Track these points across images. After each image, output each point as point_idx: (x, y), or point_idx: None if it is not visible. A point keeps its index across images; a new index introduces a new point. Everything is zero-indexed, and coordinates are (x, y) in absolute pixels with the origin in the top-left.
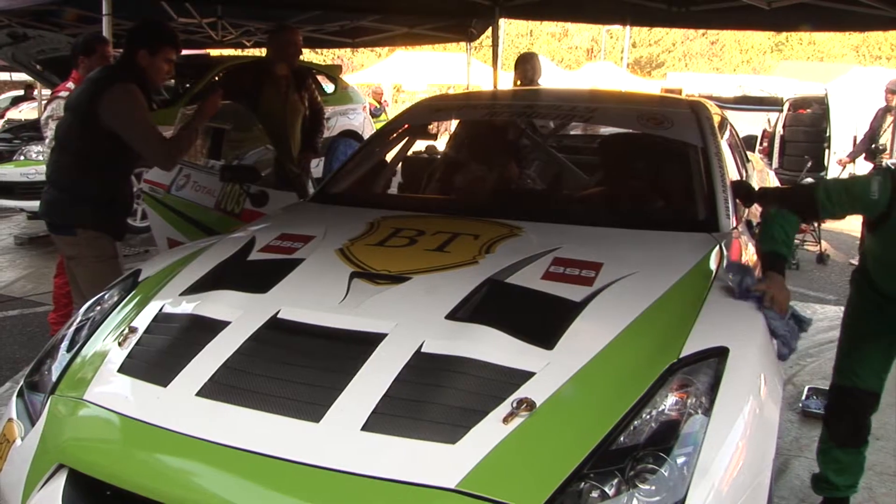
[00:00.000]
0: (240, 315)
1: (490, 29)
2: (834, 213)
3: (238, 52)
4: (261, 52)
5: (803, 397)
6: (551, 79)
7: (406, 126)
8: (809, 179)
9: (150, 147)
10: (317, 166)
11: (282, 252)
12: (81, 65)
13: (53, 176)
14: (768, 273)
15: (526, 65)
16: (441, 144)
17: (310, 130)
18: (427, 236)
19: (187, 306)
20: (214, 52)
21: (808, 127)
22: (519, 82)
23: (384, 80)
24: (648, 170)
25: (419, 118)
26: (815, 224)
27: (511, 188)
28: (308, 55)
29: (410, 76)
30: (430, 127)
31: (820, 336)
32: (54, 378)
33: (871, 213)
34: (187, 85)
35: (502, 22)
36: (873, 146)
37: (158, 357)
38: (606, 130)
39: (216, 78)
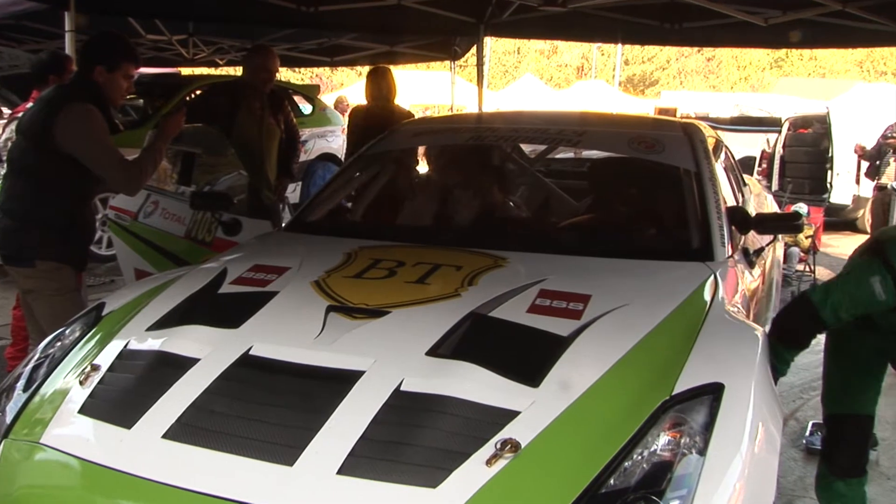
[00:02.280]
0: (210, 352)
1: (475, 47)
2: (842, 322)
3: (212, 71)
4: (235, 70)
5: (807, 433)
6: (539, 99)
7: (386, 150)
8: (802, 205)
9: (110, 170)
10: (293, 191)
11: (254, 284)
12: (52, 84)
13: (7, 204)
14: None
15: (380, 81)
16: (422, 169)
17: (285, 154)
18: (407, 268)
19: (154, 342)
20: (186, 71)
21: (809, 147)
22: (371, 101)
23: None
24: (640, 196)
25: (400, 142)
26: (812, 252)
27: (495, 216)
28: (285, 74)
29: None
30: (411, 151)
31: (821, 369)
32: (9, 420)
33: (880, 309)
34: (157, 105)
35: (488, 40)
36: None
37: (122, 397)
38: (596, 154)
39: (188, 98)
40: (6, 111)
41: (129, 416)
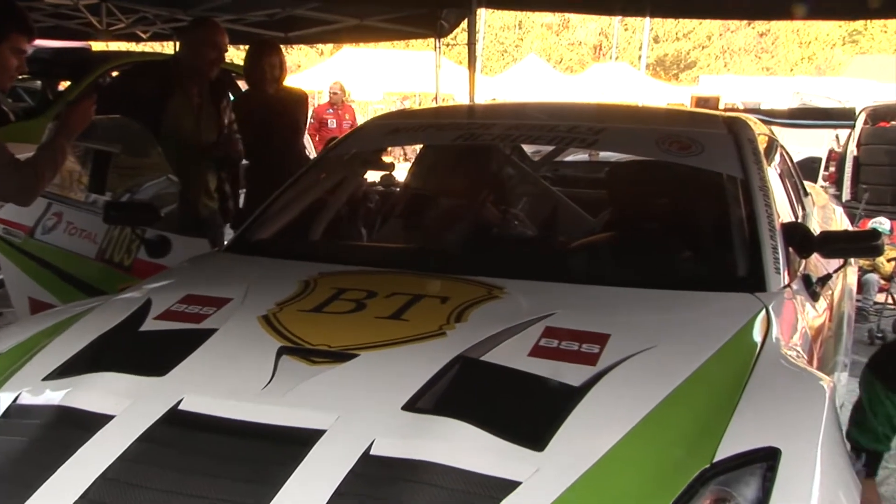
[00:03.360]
0: (127, 406)
1: (465, 21)
2: None
3: (133, 47)
4: (163, 47)
5: None
6: (546, 86)
7: (353, 152)
8: (883, 220)
9: None
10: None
11: (186, 320)
12: None
13: None
14: (863, 482)
15: (262, 59)
16: (401, 174)
17: (231, 153)
18: (380, 299)
19: (53, 395)
20: (98, 46)
21: (892, 145)
22: (251, 86)
23: (326, 86)
24: (671, 209)
25: (370, 141)
26: None
27: (490, 234)
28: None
29: (361, 82)
30: (386, 153)
31: None
32: None
33: None
34: (60, 89)
35: (482, 12)
36: None
37: (11, 467)
38: (617, 157)
39: (101, 81)
40: None
41: (19, 491)
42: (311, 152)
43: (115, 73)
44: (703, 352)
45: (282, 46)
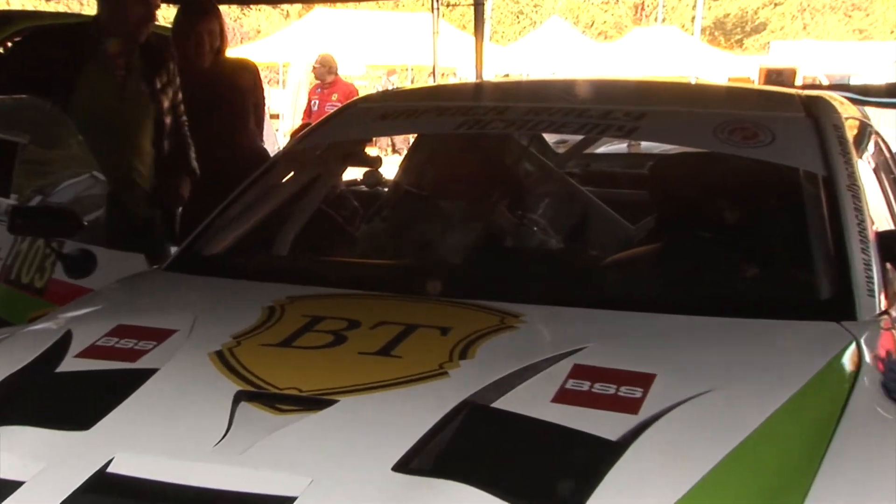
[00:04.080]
0: (40, 470)
1: None
2: None
3: (42, 6)
4: (83, 4)
5: None
6: (573, 57)
7: (328, 144)
8: None
9: None
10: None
11: (117, 358)
12: None
13: None
14: None
15: (211, 23)
16: (389, 171)
17: (178, 142)
18: (364, 331)
19: None
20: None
21: None
22: (182, 59)
23: (293, 56)
24: (733, 215)
25: (350, 130)
26: None
27: (504, 247)
28: (163, 15)
29: (338, 52)
30: (370, 144)
31: None
32: None
33: None
34: None
35: None
36: None
37: None
38: (663, 148)
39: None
40: None
41: None
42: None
43: (16, 39)
44: (775, 398)
45: (234, 7)
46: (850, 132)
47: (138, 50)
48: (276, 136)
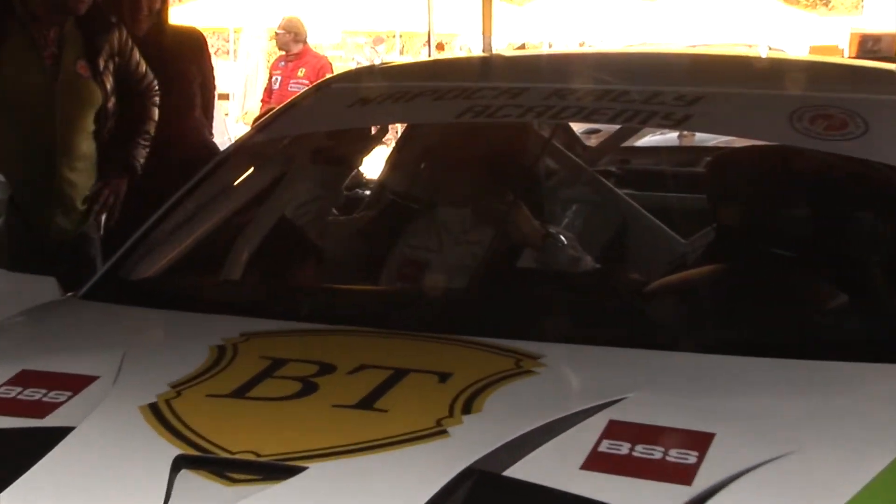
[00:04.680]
0: None
1: None
2: None
3: None
4: None
5: None
6: (609, 20)
7: (293, 136)
8: None
9: None
10: None
11: (21, 413)
12: None
13: None
14: None
15: None
16: (372, 169)
17: (131, 131)
18: (339, 377)
19: None
20: None
21: None
22: (123, 21)
23: (247, 20)
24: (815, 228)
25: (321, 118)
26: None
27: (519, 268)
28: None
29: (307, 14)
30: (347, 138)
31: None
32: None
33: None
34: None
35: None
36: None
37: None
38: (723, 141)
39: None
40: None
41: None
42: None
43: None
44: (872, 463)
45: None
46: None
47: (73, 21)
48: (226, 123)
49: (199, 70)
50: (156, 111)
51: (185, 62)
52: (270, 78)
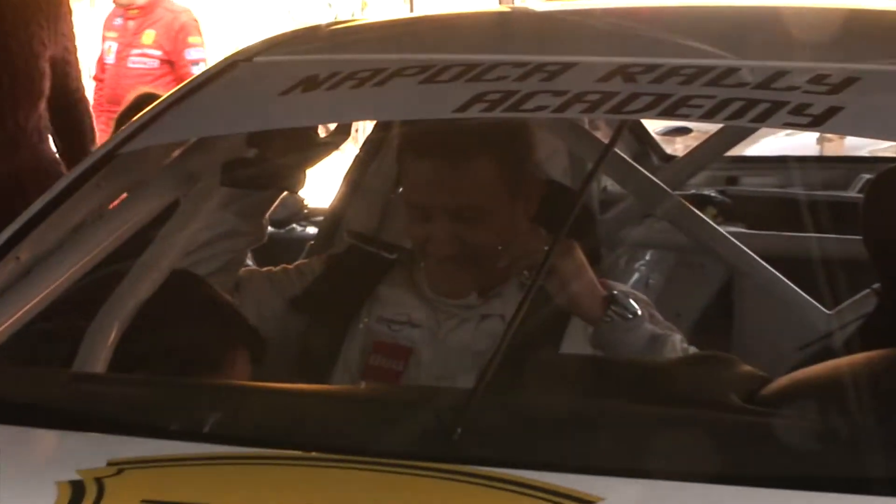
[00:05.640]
0: None
1: None
2: None
3: None
4: None
5: None
6: None
7: (192, 144)
8: None
9: None
10: None
11: None
12: None
13: None
14: None
15: None
16: (320, 197)
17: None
18: None
19: None
20: None
21: None
22: None
23: None
24: None
25: (237, 113)
26: None
27: (561, 357)
28: None
29: None
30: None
31: None
32: None
33: None
34: None
35: None
36: None
37: None
38: (883, 147)
39: None
40: None
41: None
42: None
43: None
44: None
45: None
46: None
47: None
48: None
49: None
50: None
51: (24, 18)
52: (103, 43)
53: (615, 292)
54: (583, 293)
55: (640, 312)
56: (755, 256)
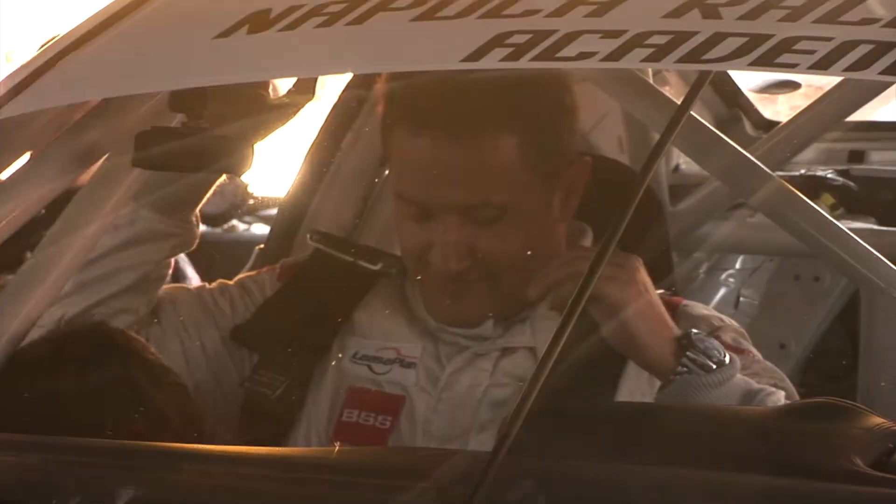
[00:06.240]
0: None
1: None
2: None
3: None
4: None
5: None
6: None
7: (98, 105)
8: None
9: None
10: None
11: None
12: None
13: None
14: None
15: None
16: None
17: None
18: None
19: None
20: None
21: None
22: None
23: None
24: None
25: (154, 65)
26: None
27: (611, 408)
28: None
29: None
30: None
31: None
32: None
33: None
34: None
35: None
36: None
37: None
38: None
39: None
40: None
41: None
42: None
43: None
44: None
45: None
46: None
47: None
48: None
49: None
50: None
51: None
52: None
53: (693, 332)
54: (645, 332)
55: (727, 360)
56: (890, 265)
